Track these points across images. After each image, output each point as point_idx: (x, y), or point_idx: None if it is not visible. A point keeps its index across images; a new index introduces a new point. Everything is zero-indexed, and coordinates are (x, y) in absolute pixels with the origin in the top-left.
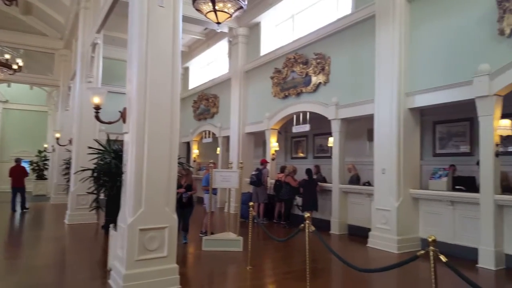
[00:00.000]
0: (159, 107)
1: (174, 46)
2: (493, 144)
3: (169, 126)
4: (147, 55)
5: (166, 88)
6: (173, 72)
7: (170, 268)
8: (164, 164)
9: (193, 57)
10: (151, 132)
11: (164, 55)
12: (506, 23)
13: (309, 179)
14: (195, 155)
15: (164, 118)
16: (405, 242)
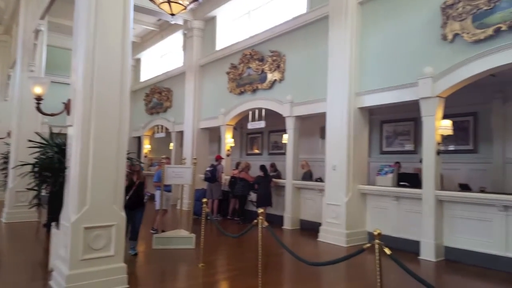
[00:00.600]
0: (106, 99)
1: (124, 36)
2: (435, 143)
3: (117, 120)
4: (94, 44)
5: (115, 80)
6: (123, 63)
7: (117, 268)
8: (111, 159)
9: (145, 49)
10: (97, 126)
11: (113, 45)
12: (449, 29)
13: (264, 175)
14: (146, 151)
15: (112, 111)
16: (354, 236)
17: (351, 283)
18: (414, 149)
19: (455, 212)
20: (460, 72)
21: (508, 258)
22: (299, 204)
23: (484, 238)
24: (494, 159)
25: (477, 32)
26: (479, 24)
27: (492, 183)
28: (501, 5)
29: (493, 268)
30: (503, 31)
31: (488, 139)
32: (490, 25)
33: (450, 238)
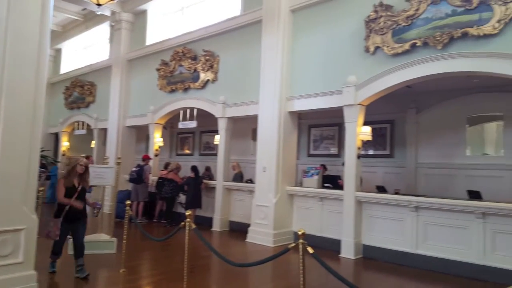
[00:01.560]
0: (19, 90)
1: (42, 22)
2: (356, 148)
3: (31, 114)
4: (7, 28)
5: (30, 69)
6: (39, 52)
7: (26, 276)
8: (22, 157)
9: (68, 39)
10: (7, 119)
11: (30, 31)
12: (371, 42)
13: (195, 176)
14: (64, 148)
15: (25, 104)
16: (280, 236)
17: (277, 282)
18: (338, 153)
19: (373, 212)
20: (380, 82)
21: (418, 255)
22: (229, 206)
23: (397, 237)
24: (408, 164)
25: (395, 46)
26: (398, 39)
27: (405, 186)
28: (417, 23)
29: (405, 264)
30: (418, 46)
31: (402, 145)
32: (407, 40)
33: (368, 236)
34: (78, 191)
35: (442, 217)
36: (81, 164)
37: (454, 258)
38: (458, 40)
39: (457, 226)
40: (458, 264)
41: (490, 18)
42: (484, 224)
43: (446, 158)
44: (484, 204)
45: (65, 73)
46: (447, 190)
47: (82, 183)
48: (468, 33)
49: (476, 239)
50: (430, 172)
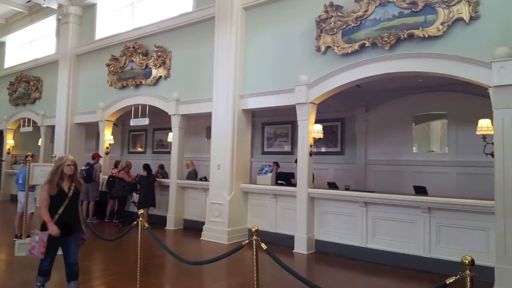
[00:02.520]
0: None
1: None
2: (308, 145)
3: None
4: None
5: None
6: None
7: None
8: None
9: (11, 32)
10: None
11: None
12: (322, 42)
13: (147, 175)
14: (9, 146)
15: None
16: (235, 233)
17: (231, 279)
18: (291, 150)
19: (325, 208)
20: (330, 81)
21: (368, 249)
22: (183, 204)
23: (348, 231)
24: (357, 161)
25: (345, 46)
26: (347, 39)
27: (355, 182)
28: (366, 24)
29: (356, 258)
30: (367, 47)
31: (352, 143)
32: (357, 41)
33: (320, 232)
34: (69, 197)
35: (390, 212)
36: (69, 163)
37: (402, 251)
38: (405, 41)
39: (405, 221)
40: (406, 257)
41: (434, 21)
42: (429, 218)
43: (394, 155)
44: (430, 199)
45: (9, 68)
46: (395, 186)
47: (75, 186)
48: (414, 34)
49: (422, 233)
50: (379, 168)
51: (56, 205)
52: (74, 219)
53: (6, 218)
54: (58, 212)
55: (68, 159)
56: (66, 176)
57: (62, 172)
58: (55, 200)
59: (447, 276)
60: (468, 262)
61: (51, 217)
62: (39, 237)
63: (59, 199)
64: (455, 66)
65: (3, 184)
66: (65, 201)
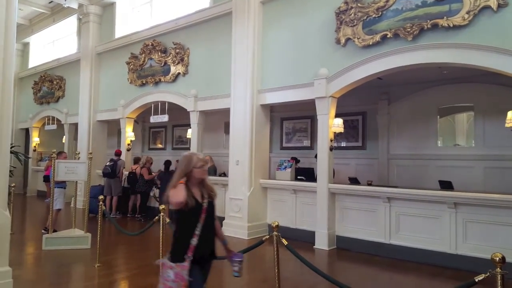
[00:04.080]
0: None
1: (8, 17)
2: (328, 140)
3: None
4: None
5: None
6: (5, 46)
7: (1, 272)
8: None
9: (35, 32)
10: None
11: None
12: (342, 34)
13: (165, 170)
14: (35, 144)
15: None
16: (255, 229)
17: (252, 274)
18: (311, 145)
19: (346, 204)
20: (351, 74)
21: (391, 245)
22: None
23: (370, 227)
24: (380, 155)
25: (366, 38)
26: (368, 30)
27: (378, 177)
28: (387, 14)
29: (378, 254)
30: (389, 38)
31: (374, 137)
32: (378, 32)
33: (341, 227)
34: (205, 211)
35: (414, 207)
36: (201, 165)
37: (426, 247)
38: (428, 32)
39: (430, 216)
40: (431, 254)
41: (459, 9)
42: (456, 214)
43: (418, 149)
44: (456, 194)
45: (34, 68)
46: (419, 181)
47: (208, 195)
48: (438, 24)
49: (448, 229)
50: (402, 163)
51: (190, 223)
52: (213, 240)
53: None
54: (195, 232)
55: (200, 159)
56: (198, 182)
57: (192, 177)
58: (187, 216)
59: (474, 273)
60: (499, 259)
61: (186, 242)
62: (175, 272)
63: (193, 213)
64: (482, 56)
65: (30, 181)
66: (201, 214)
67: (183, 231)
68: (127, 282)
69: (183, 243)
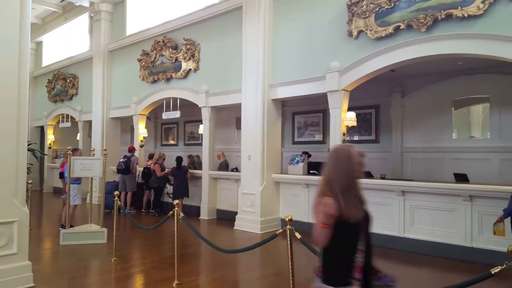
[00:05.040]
0: (2, 86)
1: (22, 16)
2: (341, 134)
3: (16, 107)
4: None
5: (12, 63)
6: (20, 45)
7: (21, 266)
8: (10, 151)
9: (48, 31)
10: None
11: (10, 25)
12: (354, 26)
13: (178, 166)
14: (50, 141)
15: (9, 98)
16: (268, 223)
17: (265, 268)
18: (323, 139)
19: None
20: (363, 67)
21: (405, 238)
22: (216, 195)
23: (384, 221)
24: (393, 148)
25: (379, 29)
26: (381, 22)
27: (391, 170)
28: (400, 5)
29: (393, 248)
30: (402, 29)
31: (388, 130)
32: (391, 23)
33: None
34: (367, 235)
35: (429, 200)
36: (361, 157)
37: (441, 240)
38: (442, 22)
39: (445, 209)
40: (446, 247)
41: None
42: (471, 207)
43: (432, 142)
44: (471, 186)
45: (47, 66)
46: (434, 174)
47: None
48: (452, 14)
49: (463, 222)
50: (416, 156)
51: (351, 237)
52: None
53: (51, 209)
54: (358, 248)
55: (357, 152)
56: (355, 184)
57: (351, 178)
58: (348, 228)
59: (490, 266)
60: None
61: (349, 261)
62: None
63: (355, 225)
64: (498, 46)
65: (46, 177)
66: (364, 225)
67: (342, 248)
68: (143, 276)
69: (345, 263)
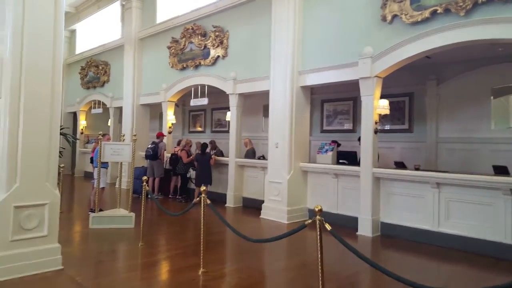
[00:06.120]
0: (38, 72)
1: (56, 6)
2: (373, 122)
3: (50, 93)
4: (24, 12)
5: (47, 50)
6: (55, 33)
7: (51, 248)
8: (44, 135)
9: (81, 19)
10: (28, 99)
11: (45, 13)
12: (388, 10)
13: (202, 152)
14: (82, 127)
15: (44, 84)
16: (295, 213)
17: (292, 258)
18: (352, 128)
19: (391, 189)
20: (397, 53)
21: (439, 233)
22: (242, 182)
23: (417, 214)
24: (428, 139)
25: (414, 14)
26: (416, 6)
27: (425, 161)
28: None
29: (426, 242)
30: (439, 14)
31: (422, 119)
32: (427, 7)
33: (386, 214)
34: None
35: (466, 193)
36: None
37: (479, 236)
38: (483, 6)
39: (483, 203)
40: (484, 243)
41: None
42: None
43: (469, 132)
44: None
45: (80, 54)
46: (471, 166)
47: None
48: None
49: (503, 217)
50: (451, 147)
51: None
52: None
53: (82, 193)
54: None
55: None
56: None
57: None
58: None
59: None
60: None
61: None
62: None
63: None
64: None
65: (78, 162)
66: None
67: None
68: (170, 262)
69: None
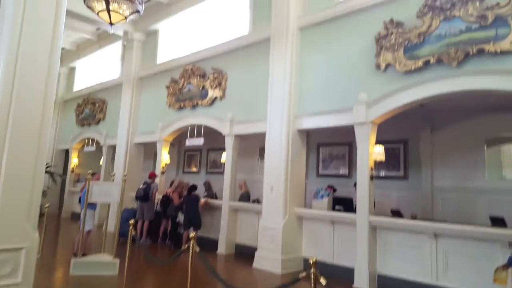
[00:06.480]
0: (27, 107)
1: (53, 43)
2: (369, 168)
3: (38, 130)
4: (18, 48)
5: (39, 87)
6: (49, 71)
7: None
8: (27, 174)
9: (81, 57)
10: (14, 134)
11: (41, 50)
12: (382, 59)
13: (188, 194)
14: (73, 165)
15: (32, 120)
16: (289, 262)
17: None
18: (348, 173)
19: (388, 238)
20: (392, 100)
21: (439, 287)
22: (235, 227)
23: (415, 266)
24: (423, 186)
25: (408, 63)
26: (410, 55)
27: (421, 210)
28: (429, 40)
29: None
30: (432, 63)
31: (417, 167)
32: (420, 57)
33: (383, 265)
34: None
35: (463, 245)
36: None
37: None
38: (474, 57)
39: (481, 256)
40: None
41: (507, 34)
42: None
43: (464, 181)
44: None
45: (78, 91)
46: (467, 216)
47: None
48: (484, 49)
49: None
50: (447, 196)
51: None
52: None
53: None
54: None
55: None
56: None
57: None
58: None
59: None
60: None
61: None
62: None
63: None
64: None
65: (66, 202)
66: None
67: None
68: None
69: None
